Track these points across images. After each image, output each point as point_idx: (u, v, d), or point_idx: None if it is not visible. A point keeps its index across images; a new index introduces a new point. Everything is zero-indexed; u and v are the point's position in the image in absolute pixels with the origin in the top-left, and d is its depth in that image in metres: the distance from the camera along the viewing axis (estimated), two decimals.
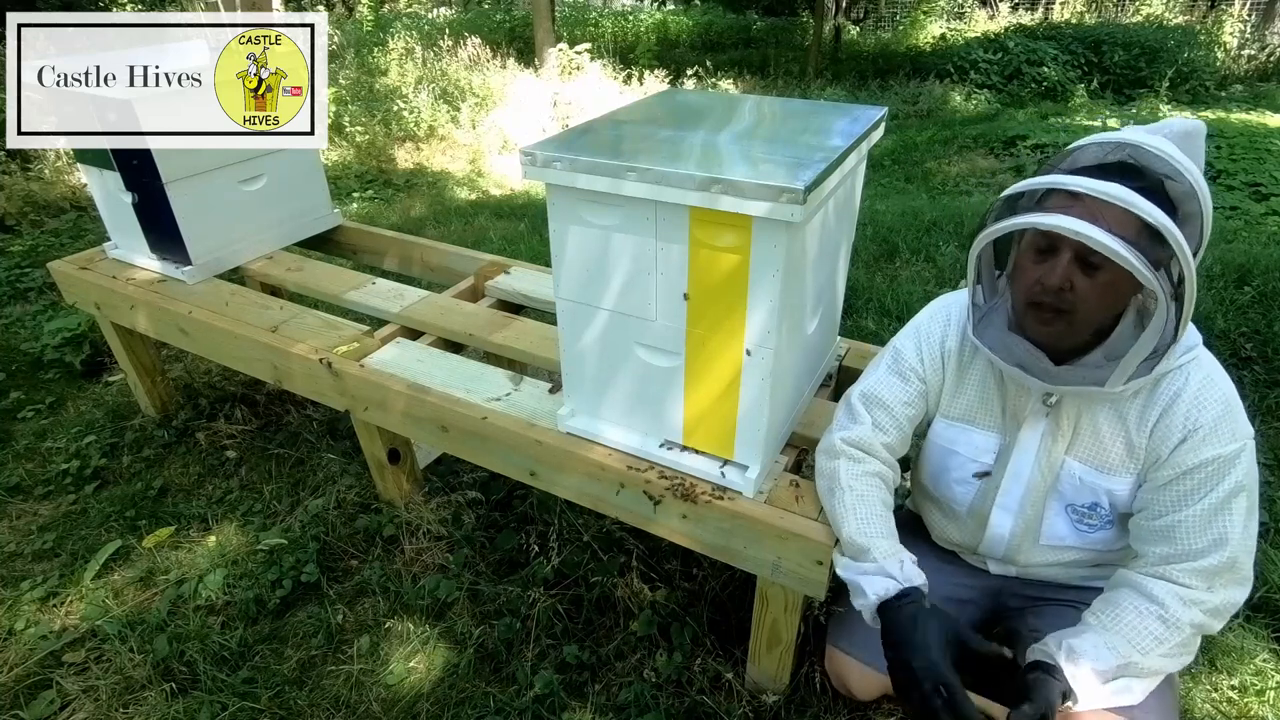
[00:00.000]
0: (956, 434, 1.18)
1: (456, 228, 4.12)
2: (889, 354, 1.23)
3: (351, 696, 1.49)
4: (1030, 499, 1.13)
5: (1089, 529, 1.11)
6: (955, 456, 1.19)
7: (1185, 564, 0.99)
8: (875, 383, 1.21)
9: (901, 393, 1.19)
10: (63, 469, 2.14)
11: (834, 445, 1.18)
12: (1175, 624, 0.98)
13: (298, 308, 1.94)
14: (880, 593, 1.02)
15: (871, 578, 1.04)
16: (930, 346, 1.18)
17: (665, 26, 11.77)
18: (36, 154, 4.57)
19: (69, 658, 1.58)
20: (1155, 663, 0.98)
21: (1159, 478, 1.01)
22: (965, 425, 1.17)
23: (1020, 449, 1.12)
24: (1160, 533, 1.01)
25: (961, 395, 1.17)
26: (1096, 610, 1.04)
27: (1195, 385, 0.98)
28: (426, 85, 6.66)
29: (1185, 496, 0.99)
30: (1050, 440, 1.09)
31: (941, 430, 1.20)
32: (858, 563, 1.08)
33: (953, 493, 1.21)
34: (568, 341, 1.30)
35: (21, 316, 3.08)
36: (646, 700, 1.43)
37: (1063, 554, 1.16)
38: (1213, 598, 0.98)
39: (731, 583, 1.67)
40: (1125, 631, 0.99)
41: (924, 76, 8.27)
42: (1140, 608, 1.00)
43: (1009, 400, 1.12)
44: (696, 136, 1.18)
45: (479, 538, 1.83)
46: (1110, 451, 1.06)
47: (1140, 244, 0.85)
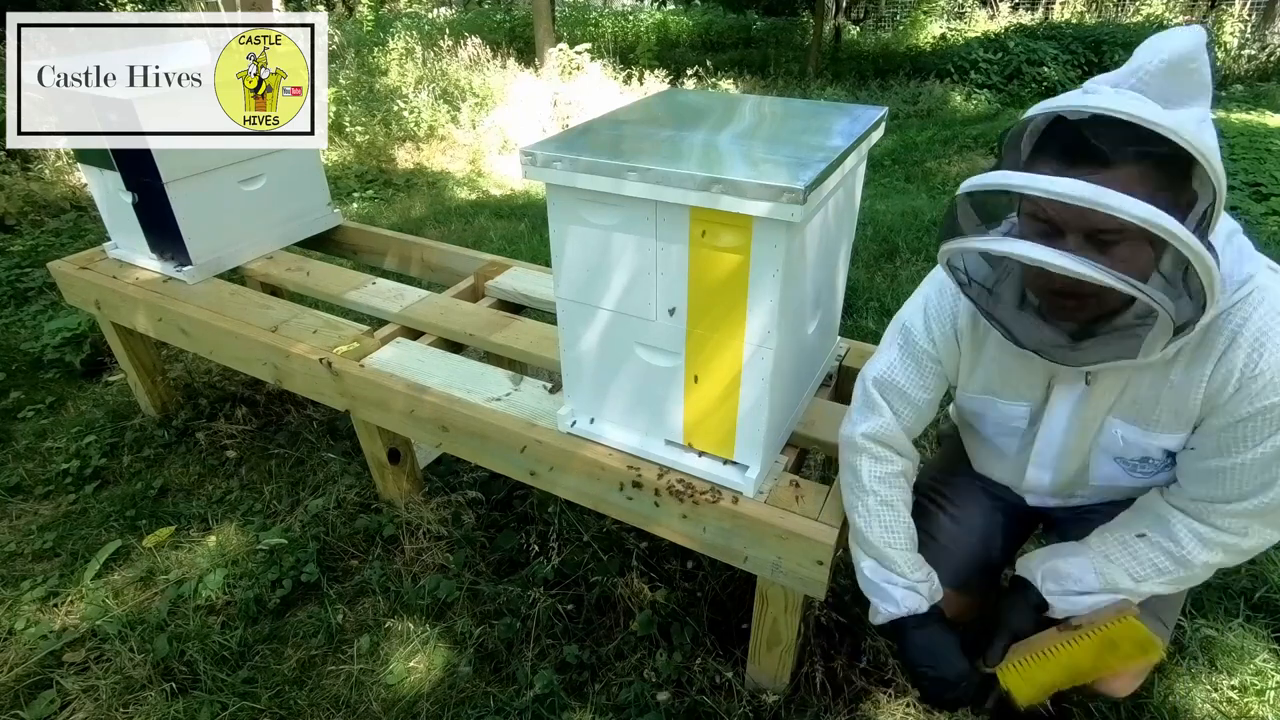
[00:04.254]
0: (982, 405, 1.12)
1: (456, 228, 4.12)
2: (898, 333, 1.15)
3: (351, 696, 1.49)
4: (1068, 455, 1.07)
5: (1144, 475, 1.04)
6: (985, 420, 1.14)
7: (1226, 506, 0.93)
8: (889, 367, 1.14)
9: (917, 377, 1.12)
10: (63, 469, 2.15)
11: (855, 440, 1.15)
12: (1186, 562, 0.96)
13: (298, 308, 1.94)
14: (910, 608, 1.09)
15: (901, 590, 1.10)
16: (941, 325, 1.10)
17: (665, 26, 11.76)
18: (36, 154, 4.57)
19: (69, 657, 1.58)
20: (1150, 589, 0.99)
21: (1211, 424, 0.92)
22: (989, 397, 1.10)
23: (1053, 413, 1.05)
24: (1205, 475, 0.94)
25: (980, 370, 1.09)
26: (1105, 531, 1.04)
27: (1256, 325, 0.86)
28: (426, 85, 6.66)
29: (1236, 443, 0.90)
30: (1086, 403, 1.01)
31: (965, 403, 1.15)
32: (884, 569, 1.11)
33: (995, 442, 1.17)
34: (568, 341, 1.30)
35: (21, 316, 3.08)
36: (646, 700, 1.43)
37: (1117, 493, 1.11)
38: (1245, 541, 0.94)
39: (731, 583, 1.67)
40: (1125, 561, 0.99)
41: (924, 76, 8.26)
42: (1153, 539, 0.97)
43: (1038, 367, 1.02)
44: (697, 136, 1.18)
45: (479, 538, 1.83)
46: (1157, 411, 0.96)
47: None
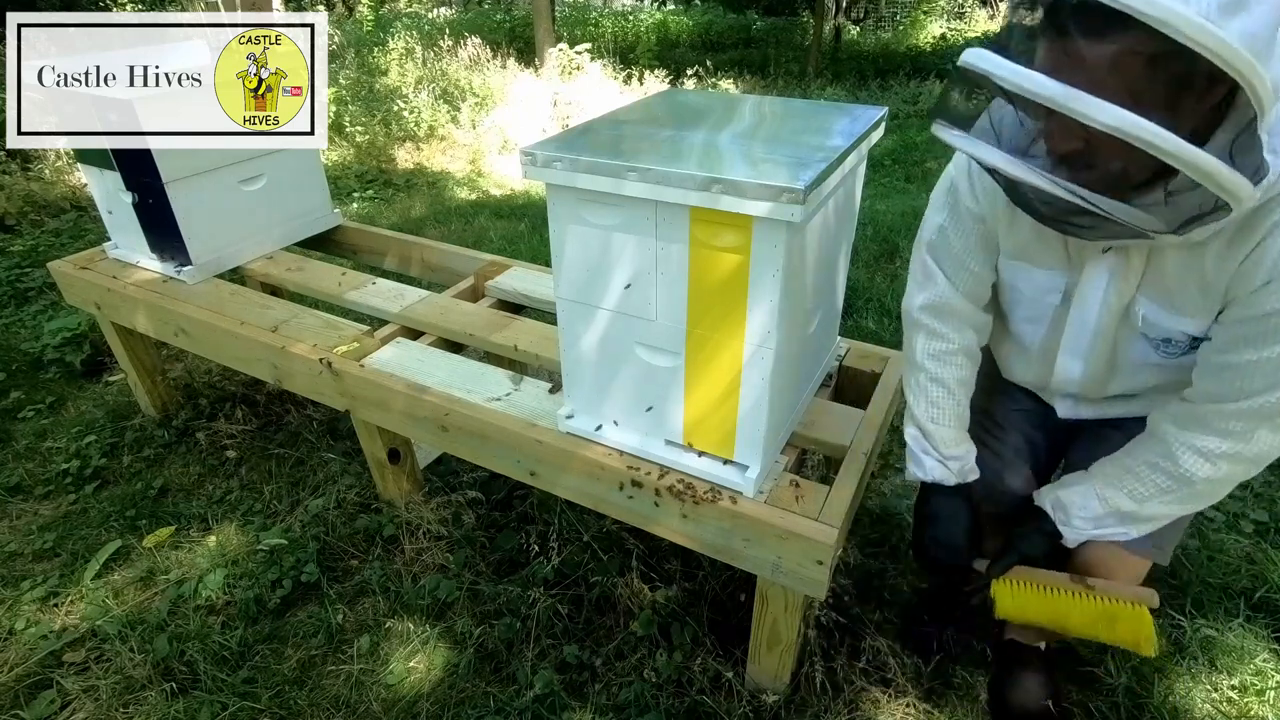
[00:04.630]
0: (1016, 273, 1.10)
1: (456, 228, 4.12)
2: (946, 193, 1.13)
3: (351, 696, 1.49)
4: (1099, 342, 1.05)
5: (1169, 354, 1.03)
6: (1019, 295, 1.12)
7: (1232, 405, 0.92)
8: (939, 231, 1.13)
9: (969, 239, 1.11)
10: (63, 469, 2.15)
11: (911, 314, 1.16)
12: (1186, 480, 0.98)
13: (298, 308, 1.94)
14: (936, 479, 1.16)
15: (933, 460, 1.17)
16: (983, 178, 1.05)
17: (665, 26, 11.77)
18: (36, 154, 4.56)
19: (69, 657, 1.58)
20: (1155, 510, 1.02)
21: (1232, 314, 0.90)
22: (1024, 264, 1.08)
23: (1084, 291, 1.03)
24: (1216, 370, 0.93)
25: (1016, 231, 1.06)
26: (1107, 460, 1.07)
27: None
28: (426, 85, 6.66)
29: (1253, 340, 0.88)
30: (1118, 280, 0.98)
31: (1003, 268, 1.12)
32: (924, 440, 1.18)
33: (1021, 331, 1.15)
34: (568, 341, 1.30)
35: (21, 316, 3.08)
36: (646, 700, 1.43)
37: (1146, 375, 1.07)
38: (1250, 447, 0.93)
39: (731, 583, 1.67)
40: (1126, 483, 1.02)
41: (924, 76, 8.26)
42: (1152, 459, 1.00)
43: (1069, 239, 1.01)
44: (697, 136, 1.18)
45: (479, 538, 1.83)
46: (1183, 294, 0.94)
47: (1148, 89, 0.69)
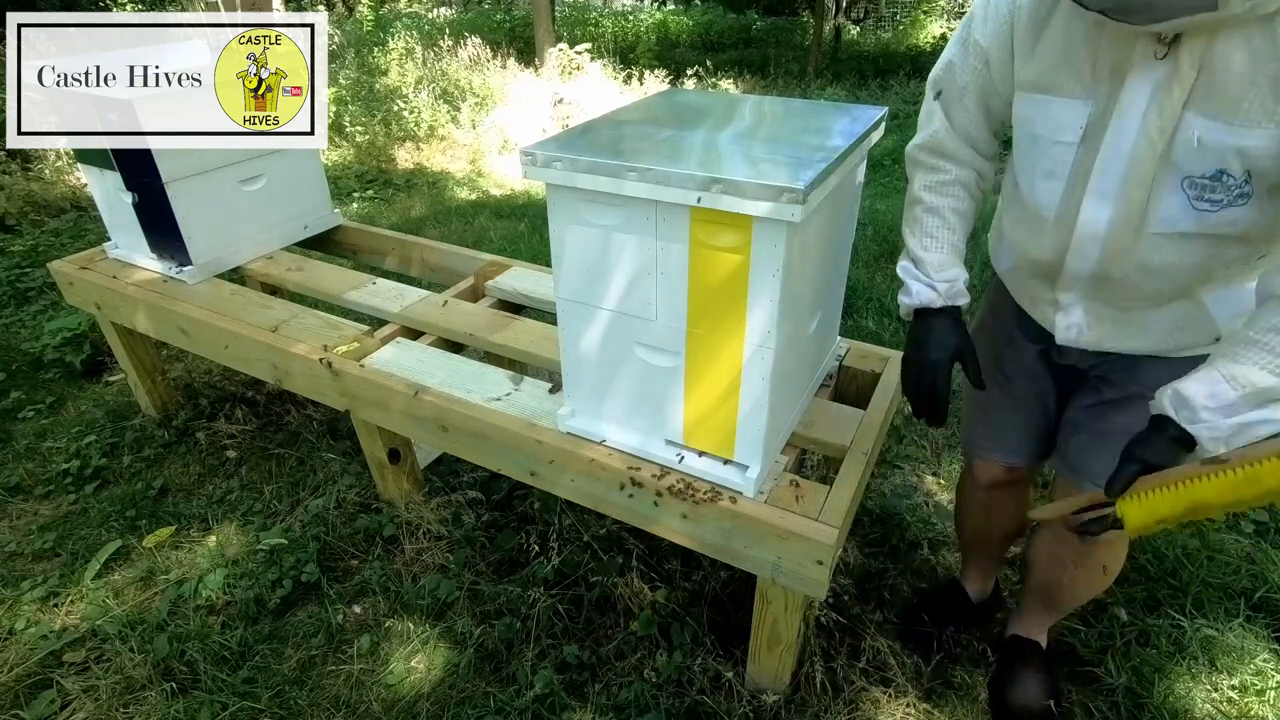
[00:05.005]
0: (1034, 110, 1.00)
1: (456, 228, 4.12)
2: (961, 27, 1.07)
3: (352, 696, 1.49)
4: (1135, 177, 0.90)
5: (1212, 207, 0.87)
6: (1037, 143, 1.01)
7: None
8: (947, 66, 1.08)
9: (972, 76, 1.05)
10: (63, 469, 2.15)
11: (910, 153, 1.16)
12: None
13: (298, 308, 1.94)
14: (924, 302, 1.12)
15: (921, 285, 1.12)
16: (999, 10, 0.99)
17: (665, 26, 11.77)
18: (36, 154, 4.56)
19: (69, 657, 1.58)
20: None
21: None
22: (1042, 95, 0.98)
23: (1123, 112, 0.89)
24: None
25: (1037, 57, 0.97)
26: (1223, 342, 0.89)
27: None
28: (426, 85, 6.66)
29: None
30: (1165, 92, 0.85)
31: (1020, 108, 1.03)
32: (914, 268, 1.14)
33: (1039, 193, 1.03)
34: (568, 341, 1.30)
35: (22, 316, 3.08)
36: (646, 700, 1.43)
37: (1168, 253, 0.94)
38: None
39: (731, 583, 1.67)
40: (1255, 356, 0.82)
41: (924, 76, 8.20)
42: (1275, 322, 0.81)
43: (1105, 54, 0.90)
44: (697, 136, 1.18)
45: (479, 538, 1.83)
46: (1246, 95, 0.80)
47: None
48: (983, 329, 1.34)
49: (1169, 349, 1.06)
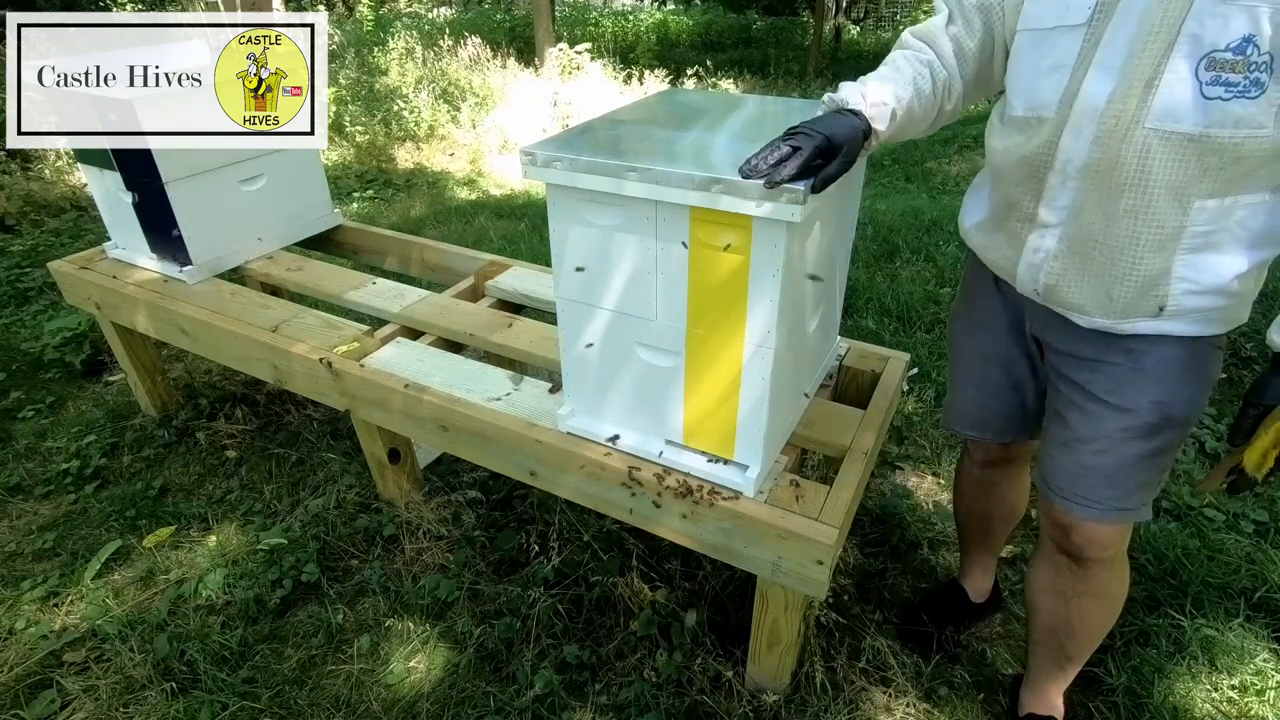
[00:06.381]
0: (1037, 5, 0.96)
1: (456, 228, 4.12)
2: None
3: (352, 696, 1.49)
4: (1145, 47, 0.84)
5: (1225, 92, 0.81)
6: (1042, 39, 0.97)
7: None
8: None
9: None
10: (63, 469, 2.15)
11: (902, 37, 1.15)
12: None
13: (298, 308, 1.94)
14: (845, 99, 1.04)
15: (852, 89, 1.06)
16: None
17: (665, 26, 11.78)
18: (36, 154, 4.57)
19: (69, 657, 1.58)
20: None
21: None
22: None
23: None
24: None
25: None
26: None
27: None
28: (426, 85, 6.66)
29: None
30: None
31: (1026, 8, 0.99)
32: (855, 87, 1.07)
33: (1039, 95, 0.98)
34: (568, 341, 1.30)
35: (22, 316, 3.08)
36: (646, 700, 1.43)
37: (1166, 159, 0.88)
38: None
39: (731, 583, 1.67)
40: None
41: None
42: None
43: None
44: (697, 136, 1.18)
45: (479, 538, 1.83)
46: None
47: None
48: (956, 316, 1.38)
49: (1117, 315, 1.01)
